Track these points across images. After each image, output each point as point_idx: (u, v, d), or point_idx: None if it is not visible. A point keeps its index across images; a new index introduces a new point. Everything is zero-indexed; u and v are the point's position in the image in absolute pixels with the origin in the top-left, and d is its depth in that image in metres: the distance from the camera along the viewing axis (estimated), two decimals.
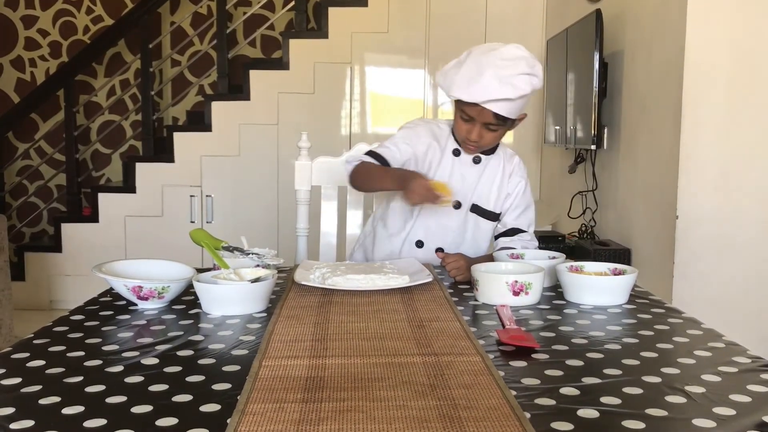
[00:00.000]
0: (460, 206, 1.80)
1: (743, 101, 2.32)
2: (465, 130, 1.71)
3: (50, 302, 4.28)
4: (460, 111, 1.69)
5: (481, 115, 1.66)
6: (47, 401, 0.83)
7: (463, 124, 1.71)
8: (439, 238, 1.81)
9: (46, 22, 4.86)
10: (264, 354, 0.99)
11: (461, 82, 1.63)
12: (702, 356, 1.01)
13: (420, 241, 1.82)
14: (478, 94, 1.60)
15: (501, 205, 1.83)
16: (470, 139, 1.71)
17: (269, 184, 4.31)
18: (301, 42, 4.27)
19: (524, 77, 1.60)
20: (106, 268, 1.35)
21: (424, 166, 1.79)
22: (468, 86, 1.61)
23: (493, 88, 1.59)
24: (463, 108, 1.67)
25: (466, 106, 1.66)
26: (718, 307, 2.33)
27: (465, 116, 1.69)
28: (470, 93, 1.61)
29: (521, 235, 1.81)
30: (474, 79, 1.60)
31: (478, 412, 0.78)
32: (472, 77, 1.61)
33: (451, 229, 1.81)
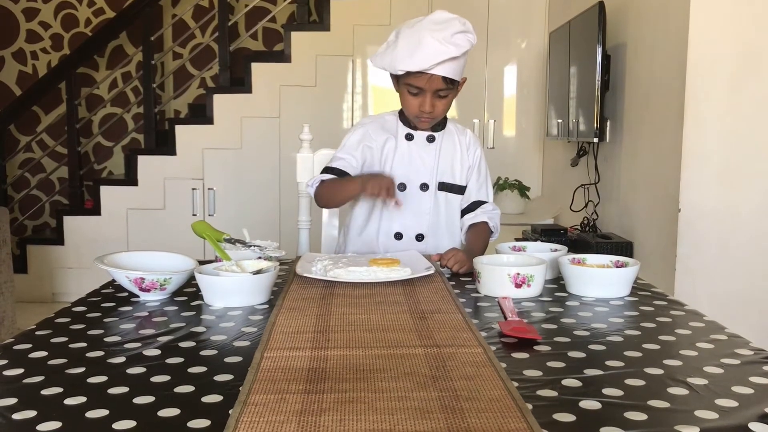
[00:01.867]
0: (427, 188, 1.81)
1: (746, 94, 2.31)
2: (417, 104, 1.72)
3: (53, 295, 4.29)
4: (407, 86, 1.70)
5: (431, 83, 1.67)
6: (49, 392, 0.83)
7: (413, 99, 1.72)
8: (417, 225, 1.82)
9: (48, 14, 4.86)
10: (266, 345, 0.99)
11: (403, 55, 1.64)
12: (704, 348, 1.01)
13: (398, 233, 1.82)
14: (423, 60, 1.62)
15: (465, 177, 1.85)
16: (424, 111, 1.71)
17: (271, 176, 4.31)
18: (302, 34, 4.26)
19: (461, 35, 1.62)
20: (108, 260, 1.35)
21: (382, 158, 1.81)
22: (412, 56, 1.63)
23: (437, 51, 1.61)
24: (410, 81, 1.68)
25: (413, 78, 1.67)
26: (720, 300, 2.33)
27: (413, 90, 1.69)
28: (416, 62, 1.63)
29: (483, 206, 1.85)
30: (416, 48, 1.62)
31: (480, 404, 0.78)
32: (413, 47, 1.62)
33: (425, 212, 1.82)
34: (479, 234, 1.83)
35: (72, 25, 4.88)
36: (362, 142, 1.82)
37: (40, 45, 4.88)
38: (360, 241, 1.85)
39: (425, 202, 1.81)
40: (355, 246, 1.86)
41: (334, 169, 1.81)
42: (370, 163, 1.82)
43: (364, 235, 1.85)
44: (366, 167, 1.82)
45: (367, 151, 1.82)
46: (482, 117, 4.33)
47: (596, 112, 2.92)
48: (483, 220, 1.83)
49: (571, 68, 3.33)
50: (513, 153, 4.34)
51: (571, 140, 3.41)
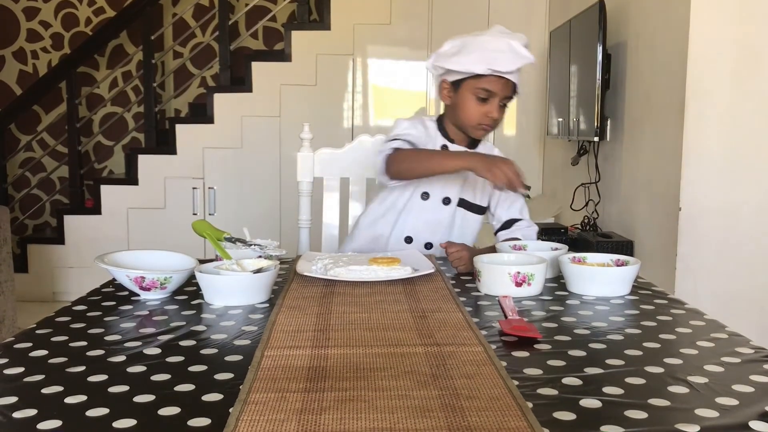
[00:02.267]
0: (449, 202, 1.80)
1: (747, 92, 2.31)
2: (483, 111, 1.68)
3: (53, 294, 4.30)
4: (476, 90, 1.66)
5: (505, 88, 1.66)
6: (49, 390, 0.83)
7: (479, 106, 1.68)
8: (429, 234, 1.81)
9: (48, 13, 4.86)
10: (266, 344, 0.99)
11: (485, 57, 1.61)
12: (705, 347, 1.01)
13: (409, 237, 1.82)
14: (508, 62, 1.61)
15: (487, 199, 1.83)
16: (492, 117, 1.69)
17: (271, 175, 4.31)
18: (303, 34, 4.26)
19: (527, 47, 1.64)
20: (109, 259, 1.35)
21: None
22: (496, 59, 1.60)
23: (521, 55, 1.61)
24: (483, 86, 1.65)
25: (486, 82, 1.65)
26: (721, 298, 2.33)
27: (483, 94, 1.66)
28: (503, 63, 1.61)
29: (518, 223, 1.81)
30: (498, 51, 1.61)
31: (480, 402, 0.78)
32: (496, 50, 1.61)
33: (440, 224, 1.81)
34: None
35: (72, 24, 4.88)
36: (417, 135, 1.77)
37: (41, 44, 4.88)
38: (370, 236, 1.85)
39: (444, 216, 1.81)
40: (362, 241, 1.85)
41: (406, 141, 1.72)
42: None
43: (376, 232, 1.84)
44: None
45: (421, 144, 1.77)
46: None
47: (597, 111, 2.92)
48: (516, 237, 1.77)
49: (571, 67, 3.33)
50: (513, 152, 4.33)
51: (572, 139, 3.41)
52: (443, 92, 1.76)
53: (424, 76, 4.34)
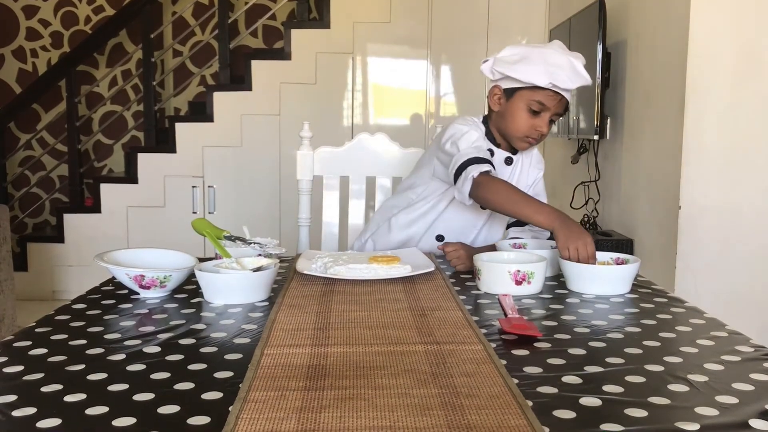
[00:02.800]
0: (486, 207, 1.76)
1: (747, 91, 2.31)
2: (533, 124, 1.66)
3: (53, 292, 4.29)
4: (531, 102, 1.63)
5: (559, 104, 1.65)
6: (49, 389, 0.83)
7: (530, 118, 1.65)
8: (462, 235, 1.79)
9: (48, 12, 4.85)
10: (266, 342, 0.99)
11: (544, 70, 1.59)
12: (705, 345, 1.01)
13: (440, 236, 1.81)
14: (569, 80, 1.60)
15: None
16: (542, 132, 1.67)
17: (271, 174, 4.30)
18: (302, 32, 4.25)
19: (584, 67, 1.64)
20: (108, 257, 1.35)
21: None
22: (558, 73, 1.59)
23: (580, 75, 1.61)
24: (539, 98, 1.62)
25: (543, 95, 1.62)
26: (721, 297, 2.33)
27: (536, 107, 1.64)
28: (563, 79, 1.60)
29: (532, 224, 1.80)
30: (559, 67, 1.60)
31: (480, 401, 0.78)
32: (555, 66, 1.60)
33: (476, 227, 1.80)
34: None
35: (72, 22, 4.87)
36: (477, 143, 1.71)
37: (40, 43, 4.87)
38: (404, 234, 1.83)
39: (480, 219, 1.80)
40: (397, 238, 1.82)
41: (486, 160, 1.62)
42: None
43: (411, 231, 1.82)
44: None
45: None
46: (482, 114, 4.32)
47: (596, 110, 2.91)
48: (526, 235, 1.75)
49: None
50: None
51: (572, 137, 3.41)
52: (494, 98, 1.72)
53: (424, 75, 4.34)
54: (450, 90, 4.40)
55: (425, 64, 4.32)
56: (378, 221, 1.91)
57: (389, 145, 2.10)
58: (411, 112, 4.40)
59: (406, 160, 2.09)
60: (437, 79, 4.35)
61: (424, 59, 4.31)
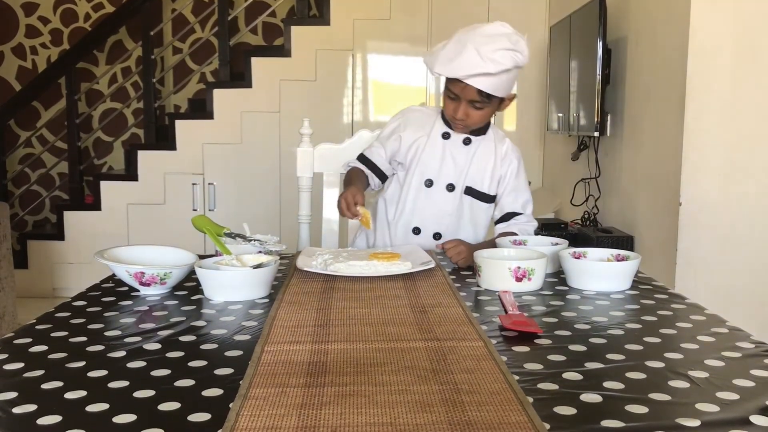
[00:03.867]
0: (453, 189, 1.80)
1: (748, 88, 2.31)
2: (451, 109, 1.74)
3: (53, 290, 4.30)
4: (447, 90, 1.73)
5: (465, 92, 1.68)
6: (49, 386, 0.83)
7: (450, 103, 1.74)
8: (436, 224, 1.82)
9: (47, 9, 4.85)
10: (266, 339, 0.99)
11: (444, 59, 1.66)
12: (705, 341, 1.01)
13: (417, 228, 1.83)
14: (458, 69, 1.63)
15: (495, 187, 1.84)
16: (456, 118, 1.73)
17: (271, 171, 4.30)
18: (302, 29, 4.25)
19: (505, 52, 1.62)
20: (109, 255, 1.35)
21: (410, 152, 1.82)
22: (449, 62, 1.64)
23: (474, 63, 1.61)
24: (449, 86, 1.71)
25: (450, 83, 1.70)
26: (721, 294, 2.32)
27: (451, 94, 1.72)
28: (451, 68, 1.64)
29: (518, 218, 1.82)
30: (456, 55, 1.63)
31: (480, 397, 0.78)
32: (454, 54, 1.64)
33: (446, 213, 1.82)
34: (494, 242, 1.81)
35: (71, 19, 4.86)
36: (395, 133, 1.85)
37: (40, 40, 4.87)
38: (386, 231, 1.86)
39: (449, 203, 1.81)
40: (381, 233, 1.87)
41: (365, 159, 1.86)
42: (396, 154, 1.85)
43: (381, 223, 1.87)
44: (392, 158, 1.85)
45: (396, 143, 1.84)
46: None
47: (597, 106, 2.91)
48: (512, 231, 1.77)
49: (571, 62, 3.32)
50: None
51: (572, 134, 3.41)
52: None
53: (424, 71, 4.33)
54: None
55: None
56: None
57: None
58: None
59: None
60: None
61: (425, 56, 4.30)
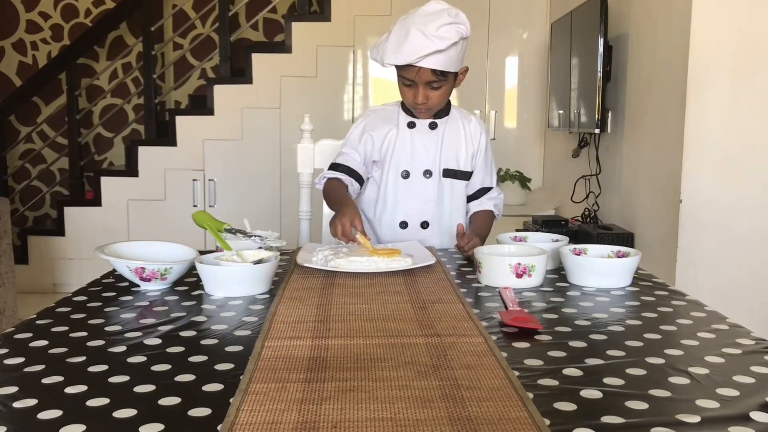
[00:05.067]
0: (431, 174, 1.81)
1: (749, 84, 2.30)
2: (411, 96, 1.73)
3: (54, 285, 4.30)
4: (401, 78, 1.72)
5: (420, 75, 1.68)
6: (50, 380, 0.83)
7: (408, 91, 1.73)
8: (421, 213, 1.83)
9: (48, 5, 4.84)
10: (267, 335, 0.99)
11: (391, 48, 1.65)
12: (706, 338, 1.01)
13: (403, 222, 1.83)
14: (408, 54, 1.63)
15: (471, 163, 1.85)
16: (418, 102, 1.73)
17: (272, 167, 4.30)
18: (303, 25, 4.24)
19: (448, 27, 1.63)
20: (109, 250, 1.35)
21: (383, 148, 1.82)
22: (398, 50, 1.64)
23: (422, 44, 1.61)
24: (402, 74, 1.71)
25: (403, 71, 1.70)
26: (722, 290, 2.33)
27: (406, 81, 1.71)
28: (402, 55, 1.64)
29: (488, 193, 1.87)
30: (402, 42, 1.63)
31: (480, 393, 0.78)
32: (400, 41, 1.64)
33: (429, 199, 1.82)
34: (484, 220, 1.86)
35: (72, 15, 4.86)
36: (364, 134, 1.84)
37: (40, 35, 4.86)
38: (371, 230, 1.86)
39: (429, 189, 1.82)
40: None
41: (339, 165, 1.82)
42: (371, 154, 1.83)
43: (369, 224, 1.86)
44: (368, 158, 1.84)
45: (369, 143, 1.83)
46: (483, 108, 4.32)
47: (598, 103, 2.91)
48: (488, 208, 1.85)
49: (572, 59, 3.32)
50: (514, 144, 4.33)
51: (573, 131, 3.40)
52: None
53: None
54: None
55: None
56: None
57: None
58: None
59: None
60: None
61: None
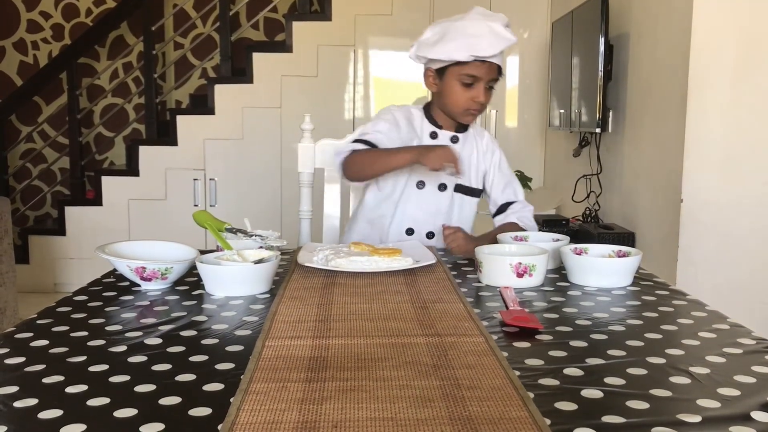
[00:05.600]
0: (445, 188, 1.80)
1: (750, 84, 2.30)
2: (469, 96, 1.69)
3: (54, 285, 4.30)
4: (461, 77, 1.67)
5: (489, 71, 1.66)
6: (50, 380, 0.83)
7: (465, 91, 1.69)
8: (429, 224, 1.81)
9: (48, 4, 4.84)
10: (267, 334, 0.98)
11: (465, 43, 1.62)
12: (706, 337, 1.01)
13: (410, 229, 1.82)
14: (489, 47, 1.60)
15: (481, 181, 1.84)
16: (479, 102, 1.69)
17: (272, 167, 4.30)
18: (304, 24, 4.24)
19: (507, 28, 1.64)
20: (110, 249, 1.35)
21: None
22: (473, 45, 1.61)
23: (502, 37, 1.61)
24: (467, 71, 1.66)
25: (470, 68, 1.65)
26: (723, 289, 2.32)
27: (467, 79, 1.67)
28: (483, 48, 1.60)
29: (513, 206, 1.82)
30: (478, 36, 1.61)
31: (481, 392, 0.78)
32: (476, 35, 1.61)
33: (439, 212, 1.81)
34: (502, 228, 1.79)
35: (73, 15, 4.86)
36: (390, 130, 1.77)
37: (41, 35, 4.86)
38: (368, 229, 1.84)
39: (442, 202, 1.80)
40: (361, 233, 1.84)
41: (366, 141, 1.73)
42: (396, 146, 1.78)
43: (374, 224, 1.84)
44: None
45: (394, 140, 1.76)
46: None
47: (598, 103, 2.91)
48: (511, 221, 1.79)
49: (573, 58, 3.31)
50: (515, 143, 4.33)
51: (574, 130, 3.40)
52: (428, 80, 1.77)
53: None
54: None
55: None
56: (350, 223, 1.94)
57: None
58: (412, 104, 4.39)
59: None
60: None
61: None
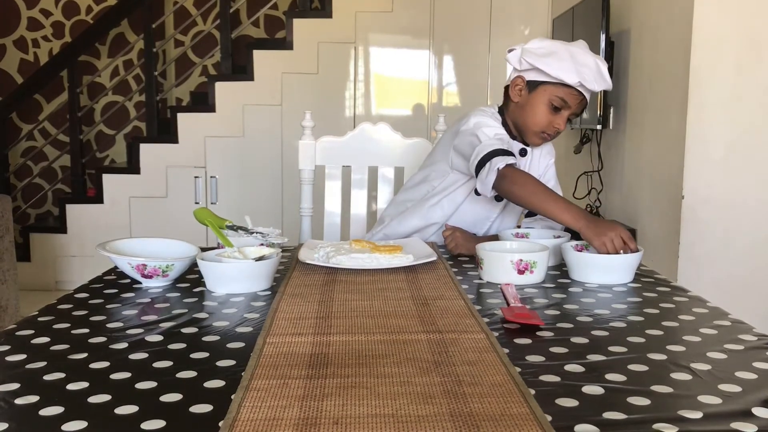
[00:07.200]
0: (501, 199, 1.73)
1: (751, 81, 2.30)
2: (552, 120, 1.63)
3: (56, 283, 4.30)
4: (553, 98, 1.61)
5: (580, 104, 1.64)
6: (51, 377, 0.83)
7: (550, 114, 1.63)
8: (476, 227, 1.77)
9: (49, 2, 4.84)
10: (268, 331, 0.99)
11: (573, 68, 1.58)
12: (708, 334, 1.01)
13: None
14: (596, 83, 1.59)
15: None
16: (557, 129, 1.65)
17: (273, 164, 4.30)
18: (304, 21, 4.24)
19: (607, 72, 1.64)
20: (111, 247, 1.35)
21: None
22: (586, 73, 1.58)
23: (603, 79, 1.60)
24: (562, 95, 1.60)
25: (565, 93, 1.60)
26: (724, 286, 2.32)
27: (557, 103, 1.61)
28: (591, 80, 1.59)
29: None
30: (587, 67, 1.58)
31: (482, 389, 0.78)
32: (584, 65, 1.59)
33: (488, 219, 1.78)
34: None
35: (73, 12, 4.86)
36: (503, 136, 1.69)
37: (42, 33, 4.86)
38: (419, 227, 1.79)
39: (494, 211, 1.77)
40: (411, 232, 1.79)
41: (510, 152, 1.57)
42: None
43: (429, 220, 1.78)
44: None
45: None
46: (485, 104, 4.31)
47: (599, 99, 2.90)
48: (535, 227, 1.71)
49: None
50: None
51: (574, 127, 3.40)
52: (515, 89, 1.67)
53: (426, 65, 4.32)
54: (452, 80, 4.38)
55: (427, 54, 4.30)
56: (391, 214, 1.87)
57: (391, 135, 2.09)
58: (413, 102, 4.39)
59: (408, 150, 2.09)
60: (439, 69, 4.33)
61: (427, 49, 4.29)
